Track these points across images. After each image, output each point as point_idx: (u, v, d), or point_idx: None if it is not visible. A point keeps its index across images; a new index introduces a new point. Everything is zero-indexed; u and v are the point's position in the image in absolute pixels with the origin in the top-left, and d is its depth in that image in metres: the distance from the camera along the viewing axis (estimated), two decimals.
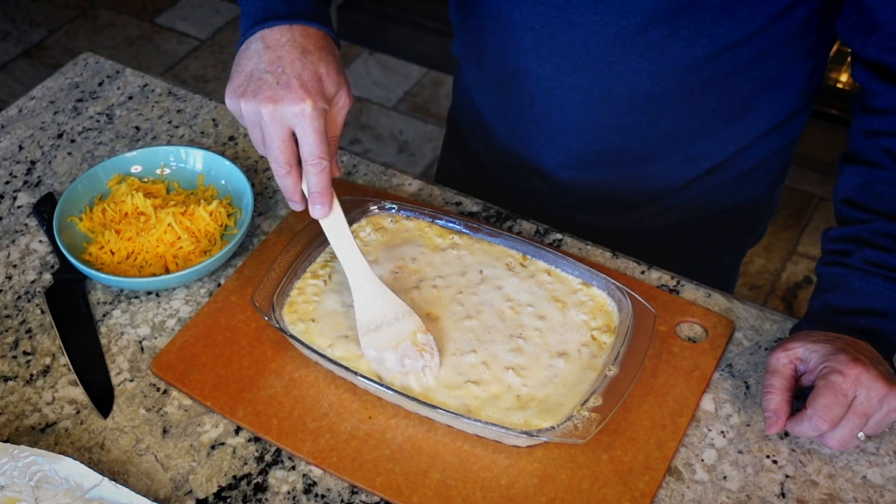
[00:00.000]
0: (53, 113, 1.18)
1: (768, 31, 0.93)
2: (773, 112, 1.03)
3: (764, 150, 1.07)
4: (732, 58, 0.94)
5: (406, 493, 0.79)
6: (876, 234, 0.87)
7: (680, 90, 0.97)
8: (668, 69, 0.94)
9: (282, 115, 0.81)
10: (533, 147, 1.09)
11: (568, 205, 1.11)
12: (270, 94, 0.81)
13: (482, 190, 1.13)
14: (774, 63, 0.97)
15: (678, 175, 1.07)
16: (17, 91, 2.69)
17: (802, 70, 1.00)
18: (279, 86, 0.81)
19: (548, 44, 0.96)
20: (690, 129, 1.02)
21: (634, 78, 0.96)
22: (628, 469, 0.81)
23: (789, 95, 1.02)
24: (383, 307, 0.87)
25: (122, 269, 0.96)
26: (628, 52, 0.93)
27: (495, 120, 1.12)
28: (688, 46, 0.92)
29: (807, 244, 2.34)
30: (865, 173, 0.91)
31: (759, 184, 1.12)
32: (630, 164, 1.06)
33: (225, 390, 0.87)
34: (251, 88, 0.82)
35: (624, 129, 1.01)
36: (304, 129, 0.81)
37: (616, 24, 0.91)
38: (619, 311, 0.89)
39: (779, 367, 0.83)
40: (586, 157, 1.05)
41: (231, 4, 3.10)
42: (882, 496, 0.81)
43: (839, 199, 0.93)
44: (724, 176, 1.08)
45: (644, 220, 1.13)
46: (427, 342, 0.85)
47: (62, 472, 0.78)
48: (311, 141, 0.81)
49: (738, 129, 1.03)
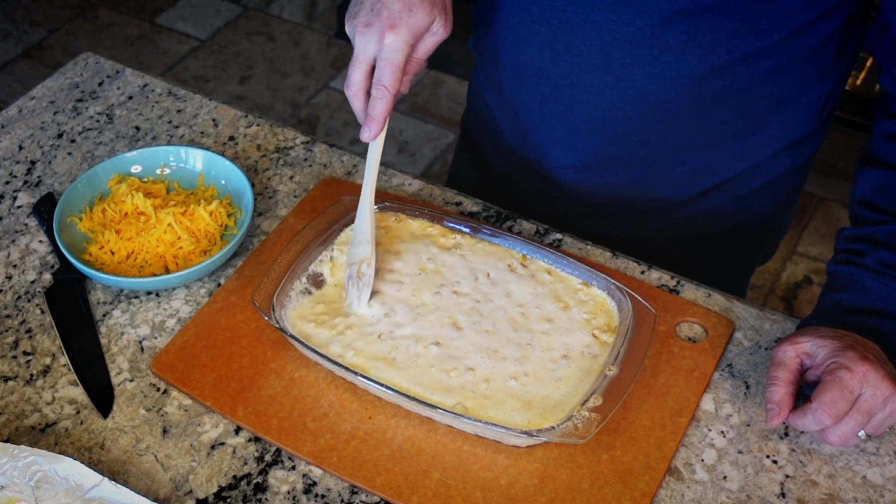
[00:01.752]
0: (53, 113, 1.18)
1: (786, 47, 0.92)
2: (787, 131, 1.02)
3: (775, 169, 1.06)
4: (748, 70, 0.93)
5: (406, 493, 0.79)
6: (891, 236, 0.88)
7: (693, 99, 0.96)
8: (682, 76, 0.94)
9: (368, 41, 0.86)
10: (540, 148, 1.08)
11: (572, 210, 1.11)
12: (364, 20, 0.86)
13: (490, 193, 1.13)
14: (791, 80, 0.96)
15: (685, 187, 1.06)
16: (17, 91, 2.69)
17: (819, 90, 0.99)
18: (372, 13, 0.86)
19: (563, 40, 0.96)
20: (700, 141, 1.01)
21: (648, 82, 0.95)
22: (628, 469, 0.81)
23: (804, 115, 1.01)
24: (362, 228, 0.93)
25: (122, 269, 0.96)
26: (644, 55, 0.93)
27: (504, 119, 1.12)
28: (704, 54, 0.91)
29: (807, 244, 2.34)
30: (885, 176, 0.91)
31: (768, 203, 1.11)
32: (636, 170, 1.05)
33: (225, 390, 0.87)
34: (354, 11, 0.88)
35: (633, 134, 1.01)
36: (382, 59, 0.86)
37: (633, 23, 0.91)
38: (619, 311, 0.89)
39: (785, 360, 0.83)
40: (593, 160, 1.05)
41: (231, 4, 3.10)
42: (882, 496, 0.81)
43: (856, 200, 0.93)
44: (732, 193, 1.07)
45: (649, 231, 1.12)
46: (366, 274, 0.91)
47: (62, 472, 0.78)
48: (383, 67, 0.86)
49: (749, 145, 1.02)
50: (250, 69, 2.87)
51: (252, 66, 2.88)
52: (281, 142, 1.14)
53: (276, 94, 2.78)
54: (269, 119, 1.17)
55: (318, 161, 1.11)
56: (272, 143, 1.14)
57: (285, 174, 1.10)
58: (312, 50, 2.91)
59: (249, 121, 1.17)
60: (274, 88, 2.80)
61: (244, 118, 1.17)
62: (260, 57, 2.91)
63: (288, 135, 1.15)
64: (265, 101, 2.76)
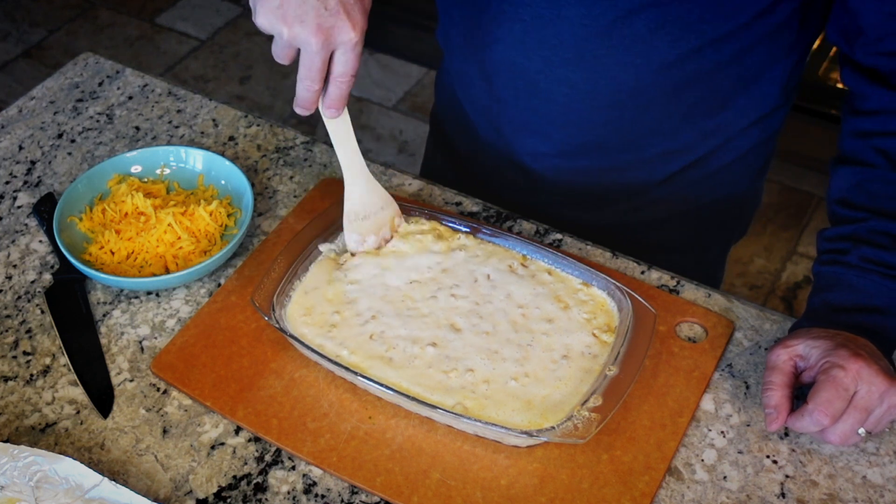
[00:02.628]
0: (53, 113, 1.18)
1: (752, 28, 0.93)
2: (754, 107, 1.04)
3: (744, 143, 1.08)
4: (716, 53, 0.95)
5: (406, 493, 0.79)
6: (872, 233, 0.88)
7: (664, 84, 0.97)
8: (653, 63, 0.95)
9: (331, 42, 0.82)
10: (514, 138, 1.09)
11: (548, 200, 1.12)
12: (320, 22, 0.80)
13: (464, 184, 1.13)
14: (756, 59, 0.97)
15: (658, 169, 1.08)
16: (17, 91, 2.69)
17: (783, 66, 1.01)
18: (328, 12, 0.80)
19: (536, 36, 0.97)
20: (672, 123, 1.02)
21: (621, 71, 0.96)
22: (628, 469, 0.81)
23: (770, 91, 1.03)
24: (373, 198, 0.95)
25: (122, 269, 0.96)
26: (615, 45, 0.94)
27: (476, 112, 1.12)
28: (673, 40, 0.93)
29: (807, 244, 2.34)
30: (859, 173, 0.91)
31: (740, 177, 1.13)
32: (611, 155, 1.06)
33: (225, 390, 0.87)
34: (295, 13, 0.81)
35: (607, 122, 1.02)
36: (346, 54, 0.83)
37: (604, 16, 0.92)
38: (619, 311, 0.89)
39: (778, 364, 0.84)
40: (567, 148, 1.06)
41: (231, 4, 3.10)
42: (882, 496, 0.81)
43: (833, 199, 0.94)
44: (705, 170, 1.09)
45: (626, 214, 1.13)
46: (399, 224, 0.97)
47: (62, 472, 0.78)
48: (349, 61, 0.84)
49: (718, 123, 1.04)
50: (250, 69, 2.87)
51: (252, 66, 2.88)
52: (281, 142, 1.14)
53: (276, 94, 2.78)
54: (269, 119, 1.17)
55: (318, 161, 1.11)
56: (272, 143, 1.14)
57: (285, 174, 1.10)
58: None
59: (249, 121, 1.17)
60: (274, 88, 2.80)
61: (244, 118, 1.17)
62: (260, 57, 2.91)
63: (288, 135, 1.15)
64: (265, 101, 2.76)
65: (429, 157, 1.33)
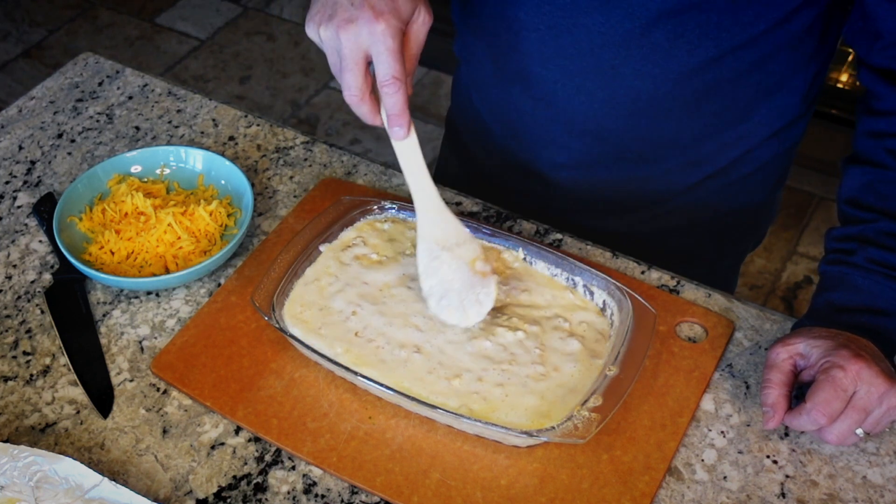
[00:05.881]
0: (53, 113, 1.18)
1: (771, 36, 0.93)
2: (775, 117, 1.03)
3: (764, 154, 1.07)
4: (735, 61, 0.94)
5: (406, 493, 0.79)
6: (880, 234, 0.88)
7: (683, 94, 0.97)
8: (671, 73, 0.94)
9: (357, 36, 0.79)
10: (533, 149, 1.08)
11: (566, 207, 1.11)
12: (346, 16, 0.79)
13: (480, 190, 1.13)
14: (776, 68, 0.97)
15: (679, 179, 1.07)
16: (17, 91, 2.69)
17: (804, 75, 1.00)
18: (353, 7, 0.79)
19: (553, 45, 0.96)
20: (691, 134, 1.02)
21: (638, 80, 0.96)
22: (628, 469, 0.81)
23: (791, 101, 1.02)
24: (447, 231, 0.87)
25: (122, 269, 0.96)
26: (633, 55, 0.93)
27: (494, 121, 1.12)
28: (692, 49, 0.92)
29: (807, 244, 2.34)
30: (870, 173, 0.91)
31: (758, 188, 1.12)
32: (630, 166, 1.06)
33: (225, 390, 0.87)
34: (328, 13, 0.80)
35: (625, 132, 1.01)
36: (378, 49, 0.79)
37: (622, 25, 0.91)
38: (620, 311, 0.89)
39: (777, 362, 0.83)
40: (586, 158, 1.05)
41: (231, 4, 3.10)
42: (882, 496, 0.81)
43: (843, 199, 0.93)
44: (724, 180, 1.08)
45: (643, 223, 1.13)
46: (485, 269, 0.85)
47: (62, 472, 0.78)
48: (385, 60, 0.79)
49: (739, 133, 1.03)
50: (250, 69, 2.87)
51: (252, 66, 2.88)
52: (281, 142, 1.14)
53: (276, 94, 2.78)
54: (269, 119, 1.17)
55: (318, 161, 1.11)
56: (272, 143, 1.14)
57: (285, 174, 1.10)
58: (312, 50, 2.91)
59: (249, 121, 1.17)
60: (274, 88, 2.80)
61: (244, 118, 1.17)
62: (260, 57, 2.91)
63: (288, 135, 1.15)
64: (265, 101, 2.76)
65: (443, 161, 1.32)
